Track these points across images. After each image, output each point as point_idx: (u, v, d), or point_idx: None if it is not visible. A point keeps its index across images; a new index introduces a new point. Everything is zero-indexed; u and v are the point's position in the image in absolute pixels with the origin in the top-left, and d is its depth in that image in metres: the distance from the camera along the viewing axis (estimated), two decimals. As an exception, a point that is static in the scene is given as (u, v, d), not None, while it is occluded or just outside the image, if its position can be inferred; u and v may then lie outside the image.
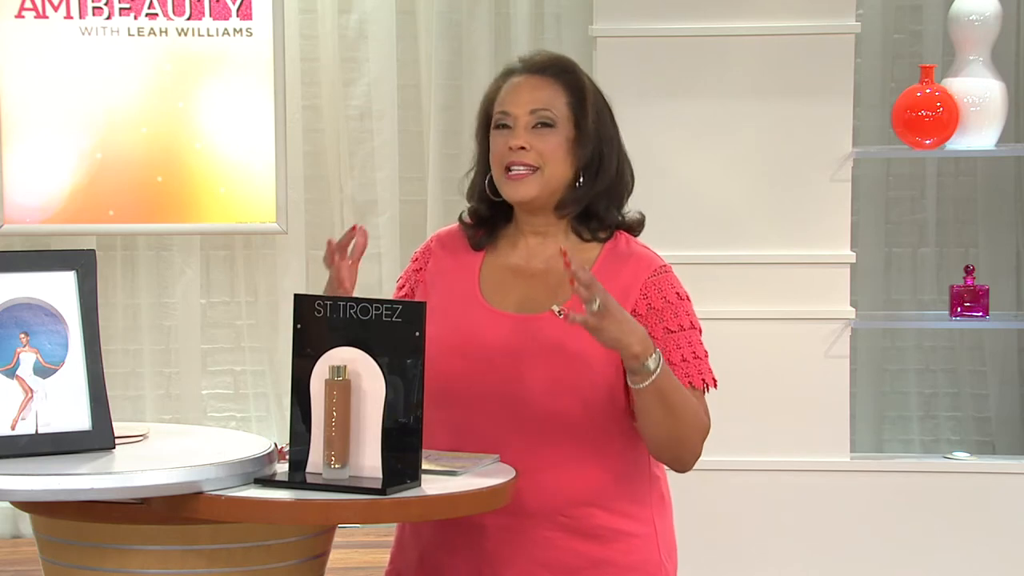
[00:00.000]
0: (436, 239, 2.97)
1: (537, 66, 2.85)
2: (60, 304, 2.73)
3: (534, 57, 2.88)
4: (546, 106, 2.80)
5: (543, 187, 2.80)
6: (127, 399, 6.32)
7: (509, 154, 2.79)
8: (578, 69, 2.86)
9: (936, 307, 6.12)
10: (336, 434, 2.59)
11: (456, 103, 6.35)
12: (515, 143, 2.78)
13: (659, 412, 2.68)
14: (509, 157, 2.79)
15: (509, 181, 2.80)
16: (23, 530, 6.27)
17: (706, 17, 5.18)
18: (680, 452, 2.75)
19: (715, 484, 5.10)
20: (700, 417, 2.75)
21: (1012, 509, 5.19)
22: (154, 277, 6.41)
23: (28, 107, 5.88)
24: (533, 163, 2.78)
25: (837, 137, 5.19)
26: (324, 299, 2.65)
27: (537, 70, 2.84)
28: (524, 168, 2.78)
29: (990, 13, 5.27)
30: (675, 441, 2.73)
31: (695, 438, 2.74)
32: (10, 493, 2.53)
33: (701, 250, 5.16)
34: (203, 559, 2.61)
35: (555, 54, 2.90)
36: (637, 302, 2.79)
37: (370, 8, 6.36)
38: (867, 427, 6.32)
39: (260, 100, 5.93)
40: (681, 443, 2.73)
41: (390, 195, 6.40)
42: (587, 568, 2.79)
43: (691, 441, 2.74)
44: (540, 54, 2.89)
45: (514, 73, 2.86)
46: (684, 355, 2.77)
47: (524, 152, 2.78)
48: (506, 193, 2.81)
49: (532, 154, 2.78)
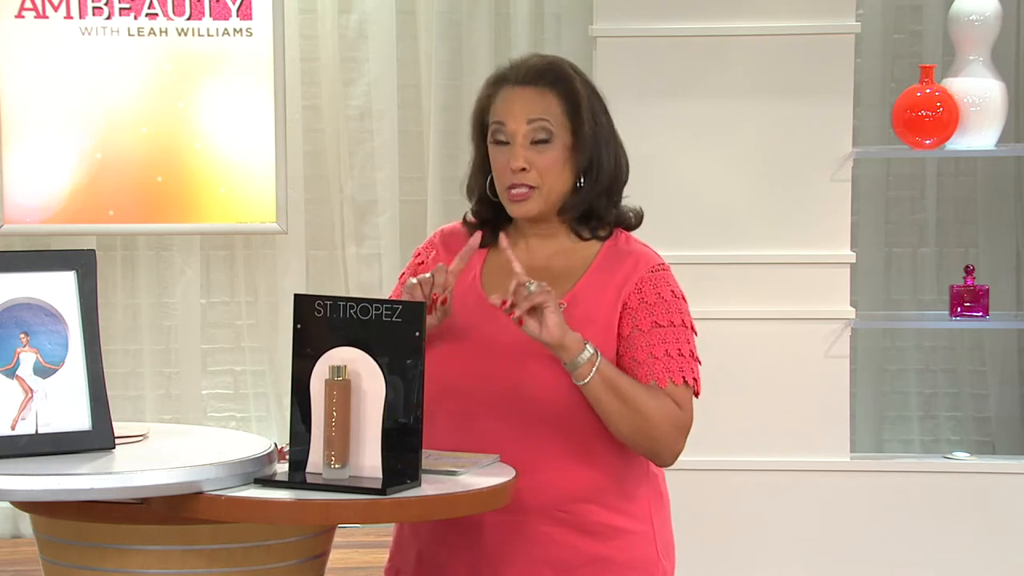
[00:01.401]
0: (439, 235, 2.98)
1: (530, 75, 2.83)
2: (60, 304, 2.73)
3: (526, 62, 2.86)
4: (542, 116, 2.80)
5: (544, 202, 2.82)
6: (127, 399, 6.32)
7: (511, 176, 2.80)
8: (570, 74, 2.84)
9: (936, 307, 6.12)
10: (336, 434, 2.59)
11: (456, 103, 6.35)
12: (515, 165, 2.79)
13: (614, 403, 2.70)
14: (511, 179, 2.80)
15: (512, 202, 2.82)
16: (23, 530, 6.27)
17: (706, 17, 5.18)
18: (653, 446, 2.75)
19: (715, 484, 5.10)
20: (671, 411, 2.75)
21: (1012, 509, 5.19)
22: (154, 277, 6.41)
23: (28, 107, 5.88)
24: (532, 184, 2.80)
25: (837, 137, 5.19)
26: (324, 299, 2.66)
27: (530, 80, 2.82)
28: (525, 188, 2.80)
29: (990, 13, 5.27)
30: (640, 433, 2.73)
31: (666, 430, 2.74)
32: (10, 493, 2.53)
33: (701, 250, 5.16)
34: (203, 559, 2.61)
35: (546, 59, 2.88)
36: (629, 295, 2.79)
37: (370, 8, 6.36)
38: (867, 427, 6.32)
39: (260, 100, 5.93)
40: (651, 437, 2.74)
41: (390, 195, 6.40)
42: (585, 565, 2.80)
43: (662, 432, 2.74)
44: (531, 59, 2.87)
45: (507, 82, 2.85)
46: (668, 350, 2.77)
47: (524, 173, 2.80)
48: (510, 211, 2.84)
49: (532, 174, 2.80)
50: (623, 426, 2.73)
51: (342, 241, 6.44)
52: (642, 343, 2.77)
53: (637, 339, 2.77)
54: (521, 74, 2.84)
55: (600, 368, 2.68)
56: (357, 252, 6.45)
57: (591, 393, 2.70)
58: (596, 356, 2.68)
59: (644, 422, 2.73)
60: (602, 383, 2.69)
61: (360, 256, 6.45)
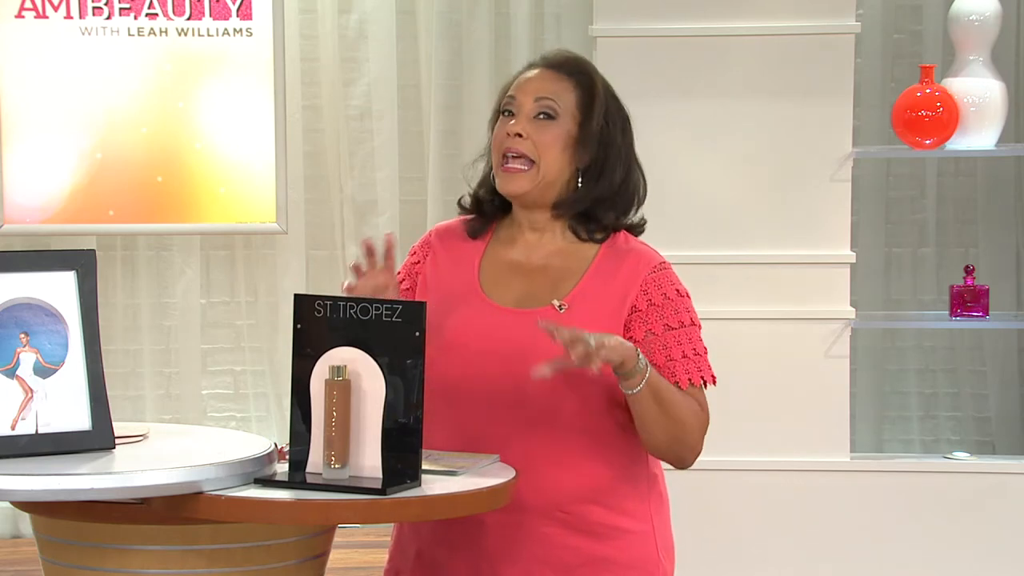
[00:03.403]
0: (435, 233, 2.97)
1: (554, 62, 2.87)
2: (60, 304, 2.73)
3: (555, 54, 2.90)
4: (551, 96, 2.81)
5: (535, 183, 2.81)
6: (127, 399, 6.32)
7: (507, 140, 2.80)
8: (595, 73, 2.88)
9: (936, 307, 6.12)
10: (336, 434, 2.59)
11: (456, 103, 6.35)
12: (513, 129, 2.80)
13: (656, 413, 2.70)
14: (506, 143, 2.80)
15: (503, 173, 2.82)
16: (23, 530, 6.27)
17: (706, 17, 5.18)
18: (680, 451, 2.77)
19: (715, 484, 5.10)
20: (698, 413, 2.77)
21: (1012, 509, 5.19)
22: (154, 277, 6.41)
23: (28, 107, 5.88)
24: (528, 153, 2.79)
25: (837, 137, 5.19)
26: (324, 299, 2.65)
27: (554, 65, 2.86)
28: (519, 160, 2.79)
29: (990, 13, 5.27)
30: (676, 441, 2.75)
31: (696, 435, 2.77)
32: (10, 493, 2.53)
33: (701, 250, 5.16)
34: (203, 559, 2.61)
35: (577, 55, 2.92)
36: (637, 298, 2.79)
37: (370, 8, 6.36)
38: (867, 427, 6.32)
39: (260, 100, 5.93)
40: (682, 442, 2.75)
41: (390, 195, 6.40)
42: (585, 565, 2.80)
43: (692, 438, 2.76)
44: (561, 52, 2.92)
45: (532, 66, 2.89)
46: (684, 351, 2.78)
47: (520, 140, 2.79)
48: (499, 184, 2.83)
49: (528, 143, 2.79)
50: (660, 434, 2.73)
51: (342, 241, 6.44)
52: (658, 347, 2.77)
53: (652, 343, 2.78)
54: (546, 60, 2.88)
55: (650, 378, 2.67)
56: (357, 252, 6.44)
57: (638, 403, 2.69)
58: (648, 366, 2.67)
59: (680, 430, 2.74)
60: (650, 393, 2.68)
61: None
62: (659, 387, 2.69)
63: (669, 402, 2.70)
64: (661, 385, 2.70)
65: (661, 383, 2.70)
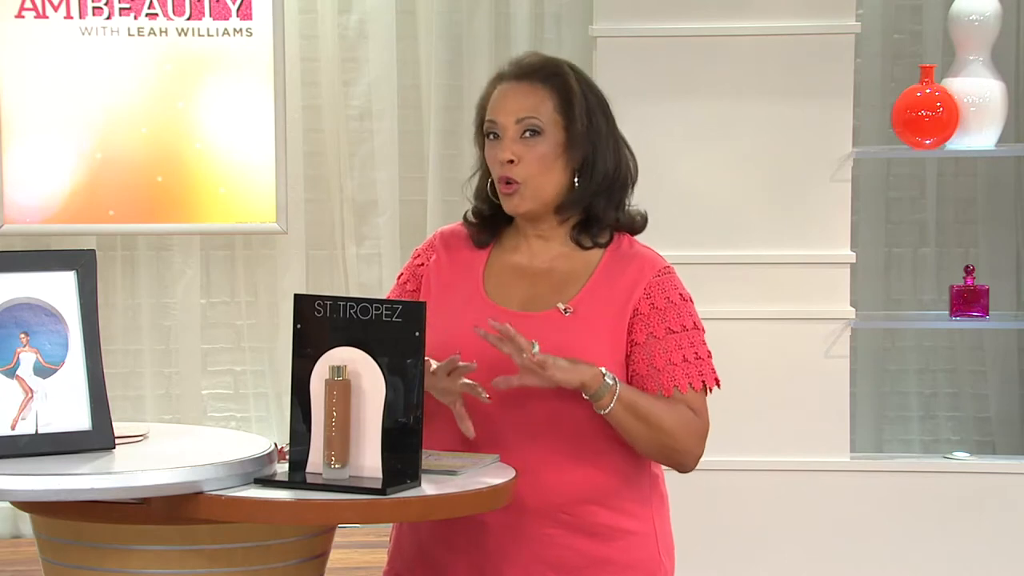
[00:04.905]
0: (439, 236, 2.98)
1: (524, 71, 2.84)
2: (60, 304, 2.73)
3: (522, 61, 2.87)
4: (532, 113, 2.80)
5: (535, 199, 2.81)
6: (127, 399, 6.32)
7: (501, 168, 2.81)
8: (565, 70, 2.85)
9: (936, 307, 6.12)
10: (336, 434, 2.59)
11: (456, 103, 6.35)
12: (503, 156, 2.80)
13: (637, 426, 2.73)
14: (501, 172, 2.81)
15: (505, 197, 2.83)
16: (23, 530, 6.27)
17: (706, 17, 5.18)
18: (675, 457, 2.79)
19: (715, 484, 5.10)
20: (691, 419, 2.77)
21: (1012, 509, 5.19)
22: (154, 277, 6.41)
23: (28, 107, 5.87)
24: (518, 179, 2.79)
25: (837, 137, 5.19)
26: (324, 299, 2.66)
27: (524, 76, 2.84)
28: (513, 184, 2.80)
29: (990, 13, 5.27)
30: (666, 448, 2.77)
31: (688, 441, 2.77)
32: (10, 493, 2.53)
33: (701, 250, 5.16)
34: (203, 559, 2.61)
35: (544, 57, 2.89)
36: (640, 301, 2.80)
37: (370, 8, 6.36)
38: (867, 427, 6.32)
39: (260, 100, 5.93)
40: (673, 449, 2.77)
41: (390, 195, 6.40)
42: (587, 566, 2.80)
43: (684, 444, 2.77)
44: (529, 57, 2.89)
45: (503, 79, 2.86)
46: (686, 355, 2.79)
47: (511, 166, 2.80)
48: (505, 207, 2.85)
49: (519, 168, 2.80)
50: (647, 445, 2.76)
51: (342, 241, 6.44)
52: (659, 350, 2.78)
53: (653, 346, 2.78)
54: (516, 71, 2.85)
55: (620, 395, 2.69)
56: (357, 252, 6.45)
57: (614, 420, 2.71)
58: (616, 384, 2.69)
59: (667, 438, 2.75)
60: (624, 409, 2.70)
61: (360, 256, 6.45)
62: (634, 402, 2.71)
63: (649, 414, 2.72)
64: (638, 399, 2.72)
65: (638, 397, 2.72)
